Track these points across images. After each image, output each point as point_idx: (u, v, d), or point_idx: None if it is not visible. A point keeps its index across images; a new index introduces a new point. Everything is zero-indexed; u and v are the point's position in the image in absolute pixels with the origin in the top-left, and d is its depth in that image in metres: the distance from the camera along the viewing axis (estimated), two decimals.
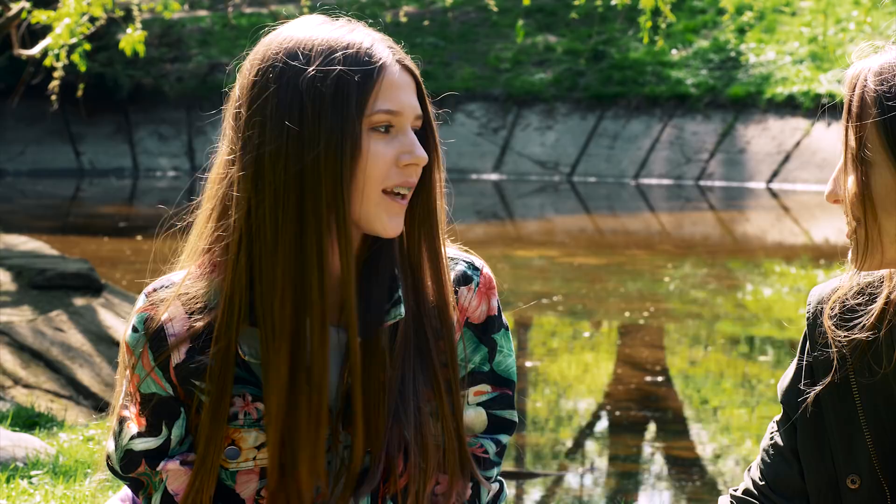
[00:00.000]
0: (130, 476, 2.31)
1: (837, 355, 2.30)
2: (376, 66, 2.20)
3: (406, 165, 2.21)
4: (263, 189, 2.18)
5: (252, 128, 2.19)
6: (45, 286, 8.38)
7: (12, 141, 20.41)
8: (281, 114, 2.17)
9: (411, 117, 2.24)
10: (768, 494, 2.39)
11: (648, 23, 12.06)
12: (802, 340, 2.39)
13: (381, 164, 2.20)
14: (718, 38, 21.02)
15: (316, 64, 2.18)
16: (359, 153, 2.18)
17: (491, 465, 2.33)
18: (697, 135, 19.63)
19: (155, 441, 2.28)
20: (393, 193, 2.21)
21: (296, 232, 2.17)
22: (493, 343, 2.33)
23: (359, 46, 2.21)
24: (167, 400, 2.28)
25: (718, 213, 17.67)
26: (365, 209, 2.20)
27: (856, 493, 2.30)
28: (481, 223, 15.95)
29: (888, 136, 2.17)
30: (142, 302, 2.29)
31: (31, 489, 4.46)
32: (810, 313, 2.38)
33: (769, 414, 8.14)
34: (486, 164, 19.91)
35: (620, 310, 11.06)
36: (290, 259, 2.18)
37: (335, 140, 2.16)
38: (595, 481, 7.18)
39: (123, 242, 13.75)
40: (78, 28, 10.42)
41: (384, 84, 2.21)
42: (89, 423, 6.26)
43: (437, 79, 20.84)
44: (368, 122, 2.19)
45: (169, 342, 2.25)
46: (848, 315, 2.31)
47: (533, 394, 8.87)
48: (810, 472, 2.35)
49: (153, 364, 2.26)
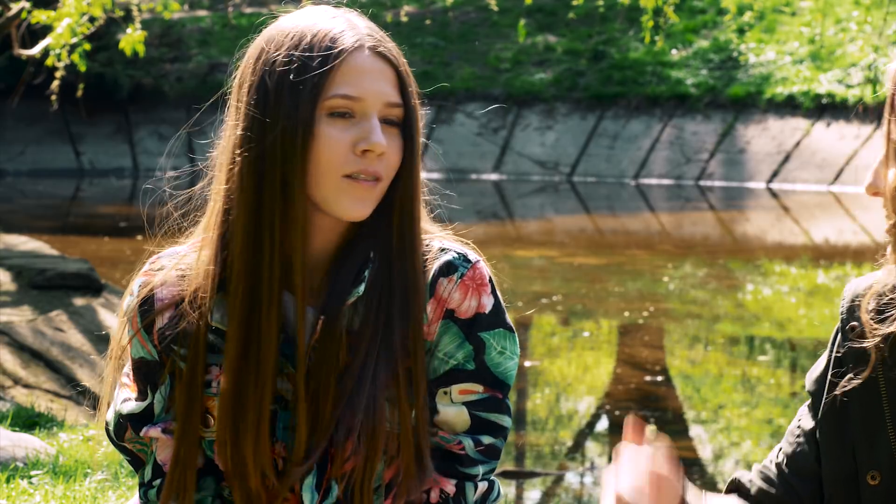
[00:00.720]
0: (124, 446, 2.35)
1: (869, 349, 2.29)
2: (335, 51, 2.21)
3: (363, 152, 2.21)
4: (233, 170, 2.24)
5: (231, 112, 2.27)
6: (45, 286, 8.39)
7: (12, 141, 20.42)
8: (249, 99, 2.23)
9: (378, 104, 2.23)
10: (782, 472, 2.39)
11: (650, 22, 12.07)
12: (834, 333, 2.39)
13: (337, 150, 2.20)
14: (718, 38, 21.02)
15: (283, 49, 2.22)
16: (312, 138, 2.20)
17: (472, 462, 2.28)
18: (697, 135, 19.63)
19: (138, 405, 2.33)
20: (356, 178, 2.22)
21: (254, 210, 2.22)
22: (479, 341, 2.27)
23: (327, 32, 2.23)
24: (153, 365, 2.32)
25: (718, 213, 17.67)
26: (324, 193, 2.22)
27: (875, 489, 2.29)
28: (481, 223, 15.95)
29: None
30: (144, 268, 2.36)
31: (31, 489, 4.46)
32: (844, 307, 2.37)
33: (769, 414, 8.14)
34: (486, 164, 19.91)
35: (620, 310, 11.06)
36: (248, 237, 2.22)
37: (290, 124, 2.20)
38: (595, 481, 7.18)
39: (123, 242, 13.74)
40: (78, 28, 10.42)
41: (344, 69, 2.22)
42: (89, 423, 6.26)
43: (437, 79, 20.84)
44: (326, 106, 2.21)
45: (156, 306, 2.31)
46: (882, 309, 2.31)
47: (533, 393, 8.87)
48: (828, 462, 2.34)
49: (140, 326, 2.31)
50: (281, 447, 2.26)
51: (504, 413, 2.30)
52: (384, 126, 2.24)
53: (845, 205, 17.23)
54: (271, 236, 2.21)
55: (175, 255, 2.34)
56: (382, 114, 2.24)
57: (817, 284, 12.54)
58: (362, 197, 2.22)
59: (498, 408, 2.30)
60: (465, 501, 2.28)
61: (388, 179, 2.25)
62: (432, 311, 2.27)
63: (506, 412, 2.30)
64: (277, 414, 2.27)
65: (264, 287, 2.23)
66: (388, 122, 2.25)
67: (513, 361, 2.31)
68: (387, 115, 2.25)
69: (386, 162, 2.23)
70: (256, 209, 2.22)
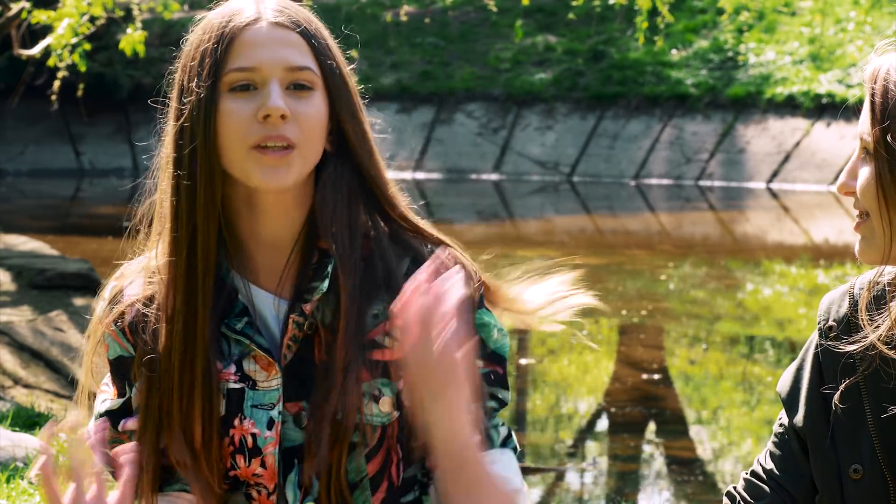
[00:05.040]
0: (106, 452, 2.37)
1: (853, 349, 2.30)
2: (228, 28, 2.25)
3: (265, 118, 2.22)
4: (160, 162, 2.32)
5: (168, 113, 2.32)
6: (45, 286, 8.39)
7: (12, 141, 20.41)
8: (170, 90, 2.31)
9: (276, 70, 2.24)
10: (772, 476, 2.40)
11: (644, 23, 12.07)
12: (810, 341, 2.40)
13: (238, 122, 2.22)
14: (718, 38, 21.02)
15: (194, 39, 2.29)
16: (216, 115, 2.23)
17: (490, 414, 2.33)
18: (697, 135, 19.63)
19: (116, 402, 2.36)
20: (263, 147, 2.23)
21: (175, 194, 2.27)
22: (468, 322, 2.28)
23: (228, 14, 2.27)
24: (129, 361, 2.34)
25: (718, 213, 17.67)
26: (238, 167, 2.24)
27: (858, 483, 2.30)
28: (481, 223, 15.95)
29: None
30: (115, 275, 2.42)
31: (31, 489, 4.47)
32: (822, 307, 2.39)
33: (769, 414, 8.14)
34: (486, 164, 19.90)
35: (620, 309, 11.06)
36: (175, 222, 2.27)
37: (197, 106, 2.23)
38: (594, 480, 7.18)
39: (124, 242, 13.71)
40: (78, 28, 10.42)
41: (238, 43, 2.24)
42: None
43: (437, 79, 20.84)
44: (225, 82, 2.24)
45: (125, 302, 2.34)
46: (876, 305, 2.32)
47: (533, 393, 8.87)
48: (816, 458, 2.35)
49: (111, 320, 2.34)
50: (249, 423, 2.28)
51: (505, 388, 2.35)
52: (295, 91, 2.24)
53: (845, 205, 17.23)
54: (189, 217, 2.25)
55: (143, 259, 2.38)
56: (287, 79, 2.24)
57: (817, 284, 12.54)
58: (273, 164, 2.22)
59: (499, 382, 2.34)
60: (493, 444, 2.32)
61: (306, 145, 2.24)
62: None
63: (506, 387, 2.35)
64: (244, 392, 2.29)
65: (178, 266, 2.26)
66: (300, 86, 2.25)
67: (507, 338, 2.35)
68: (295, 80, 2.25)
69: (299, 126, 2.23)
70: (175, 191, 2.26)
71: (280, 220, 2.29)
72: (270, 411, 2.28)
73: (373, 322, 2.27)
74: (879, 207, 2.22)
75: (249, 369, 2.29)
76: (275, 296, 2.30)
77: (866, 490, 2.30)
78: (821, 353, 2.36)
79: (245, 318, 2.29)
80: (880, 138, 2.22)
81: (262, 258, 2.30)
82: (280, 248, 2.30)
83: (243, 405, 2.28)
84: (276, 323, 2.30)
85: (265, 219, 2.28)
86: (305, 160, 2.25)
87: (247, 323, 2.29)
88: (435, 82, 20.78)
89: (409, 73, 20.83)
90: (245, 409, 2.28)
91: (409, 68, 20.77)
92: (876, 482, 2.29)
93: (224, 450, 2.29)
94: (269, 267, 2.30)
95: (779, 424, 2.43)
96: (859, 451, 2.31)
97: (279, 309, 2.30)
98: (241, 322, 2.29)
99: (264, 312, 2.30)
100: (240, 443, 2.29)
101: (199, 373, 2.26)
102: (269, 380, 2.28)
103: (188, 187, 2.24)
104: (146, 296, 2.32)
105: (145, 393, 2.30)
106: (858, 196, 2.26)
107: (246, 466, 2.29)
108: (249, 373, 2.29)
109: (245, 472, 2.29)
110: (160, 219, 2.32)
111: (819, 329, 2.38)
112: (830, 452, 2.33)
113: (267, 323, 2.31)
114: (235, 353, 2.29)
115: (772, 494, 2.39)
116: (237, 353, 2.29)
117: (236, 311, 2.29)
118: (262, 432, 2.28)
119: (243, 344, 2.29)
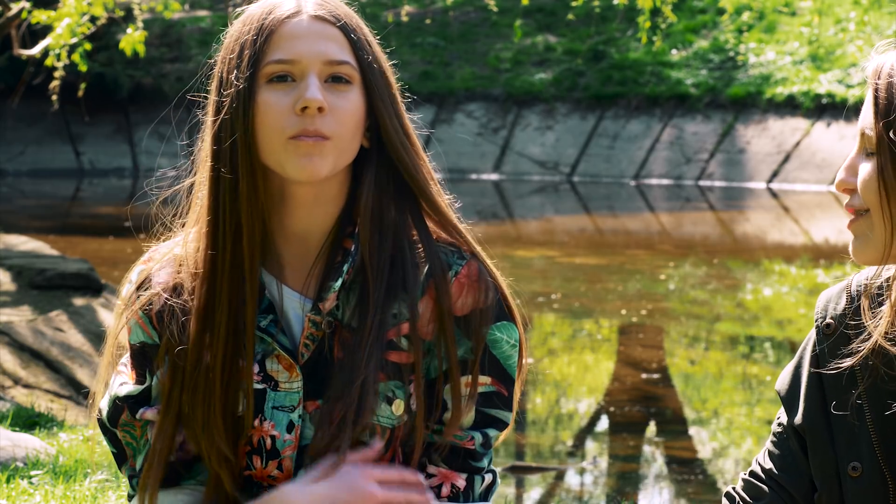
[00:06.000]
0: (115, 433, 2.34)
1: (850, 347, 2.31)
2: (268, 20, 2.25)
3: (302, 110, 2.22)
4: (200, 154, 2.31)
5: (208, 106, 2.32)
6: (45, 286, 8.39)
7: (12, 141, 20.41)
8: (213, 88, 2.30)
9: (316, 64, 2.24)
10: (771, 475, 2.39)
11: (647, 23, 12.06)
12: (808, 339, 2.40)
13: (276, 114, 2.23)
14: (718, 39, 21.03)
15: (234, 33, 2.29)
16: (254, 106, 2.23)
17: (480, 456, 2.31)
18: (697, 135, 19.63)
19: (136, 388, 2.33)
20: (300, 138, 2.23)
21: (214, 186, 2.27)
22: (479, 336, 2.27)
23: (269, 5, 2.29)
24: (153, 348, 2.32)
25: (718, 213, 17.67)
26: (274, 159, 2.24)
27: (857, 480, 2.30)
28: (481, 223, 15.96)
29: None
30: (142, 258, 2.39)
31: (31, 489, 4.46)
32: (819, 306, 2.38)
33: (769, 414, 8.14)
34: (486, 164, 19.91)
35: (620, 309, 11.06)
36: (210, 213, 2.27)
37: (236, 98, 2.24)
38: (594, 480, 7.18)
39: (124, 242, 13.75)
40: (78, 28, 10.42)
41: (278, 36, 2.25)
42: (89, 423, 6.27)
43: (437, 79, 20.84)
44: (264, 74, 2.24)
45: (153, 289, 2.32)
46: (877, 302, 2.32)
47: (533, 393, 8.87)
48: (815, 456, 2.35)
49: (138, 308, 2.33)
50: (269, 426, 2.27)
51: (508, 409, 2.33)
52: (333, 84, 2.25)
53: None
54: (232, 210, 2.24)
55: (171, 245, 2.36)
56: (326, 72, 2.25)
57: (817, 284, 12.54)
58: (307, 153, 2.22)
59: (503, 404, 2.32)
60: (473, 494, 2.30)
61: (342, 138, 2.24)
62: (427, 310, 2.27)
63: (509, 408, 2.33)
64: (266, 393, 2.27)
65: (218, 260, 2.25)
66: (338, 79, 2.26)
67: (517, 353, 2.33)
68: (333, 73, 2.26)
69: (334, 119, 2.24)
70: (216, 184, 2.26)
71: (312, 215, 2.28)
72: (291, 414, 2.27)
73: (392, 322, 2.26)
74: (881, 203, 2.22)
75: (272, 369, 2.28)
76: (301, 294, 2.29)
77: (865, 488, 2.30)
78: (819, 354, 2.36)
79: (270, 315, 2.28)
80: (883, 133, 2.22)
81: (291, 254, 2.29)
82: (309, 245, 2.29)
83: (264, 406, 2.27)
84: (300, 322, 2.29)
85: (298, 212, 2.28)
86: (341, 153, 2.25)
87: (271, 321, 2.28)
88: (435, 82, 20.78)
89: (409, 73, 20.83)
90: (266, 410, 2.27)
91: (410, 68, 20.77)
92: (875, 480, 2.29)
93: (240, 449, 2.28)
94: (295, 264, 2.29)
95: (777, 423, 2.43)
96: (858, 448, 2.31)
97: (304, 308, 2.28)
98: (267, 319, 2.28)
99: (289, 311, 2.29)
100: (258, 444, 2.28)
101: (235, 370, 2.25)
102: (290, 381, 2.27)
103: (230, 181, 2.24)
104: (173, 285, 2.31)
105: (168, 385, 2.29)
106: (859, 191, 2.25)
107: (262, 468, 2.28)
108: (272, 373, 2.28)
109: (260, 474, 2.29)
110: (196, 209, 2.31)
111: (816, 326, 2.38)
112: (829, 450, 2.33)
113: (290, 322, 2.30)
114: (259, 351, 2.28)
115: (771, 494, 2.39)
116: (260, 351, 2.28)
117: (262, 307, 2.28)
118: (282, 435, 2.27)
119: (266, 342, 2.28)
